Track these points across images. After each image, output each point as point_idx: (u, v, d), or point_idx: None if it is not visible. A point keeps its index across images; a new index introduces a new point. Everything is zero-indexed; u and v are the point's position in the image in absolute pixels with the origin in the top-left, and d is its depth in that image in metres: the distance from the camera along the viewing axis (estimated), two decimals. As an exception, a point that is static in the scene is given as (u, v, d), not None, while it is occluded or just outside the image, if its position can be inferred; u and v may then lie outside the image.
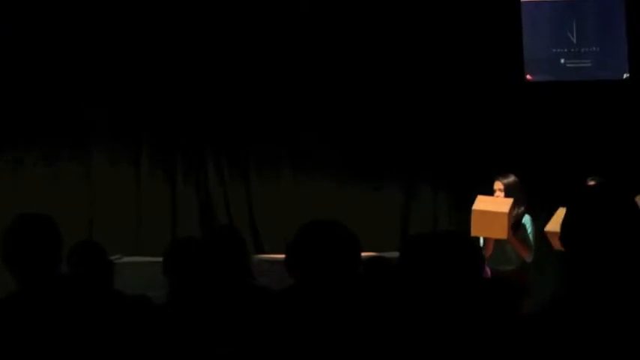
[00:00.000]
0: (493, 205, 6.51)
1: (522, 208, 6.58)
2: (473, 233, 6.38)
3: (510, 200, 6.50)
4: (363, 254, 3.38)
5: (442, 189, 8.54)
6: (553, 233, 6.36)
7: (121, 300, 3.73)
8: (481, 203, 6.57)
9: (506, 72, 8.40)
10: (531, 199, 7.58)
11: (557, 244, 6.47)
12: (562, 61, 8.58)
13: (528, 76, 8.51)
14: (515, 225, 6.52)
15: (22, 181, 8.18)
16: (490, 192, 6.67)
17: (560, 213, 6.56)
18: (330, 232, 3.16)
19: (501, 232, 6.37)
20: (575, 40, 8.57)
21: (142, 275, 6.54)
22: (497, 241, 6.50)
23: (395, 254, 7.24)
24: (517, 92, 8.43)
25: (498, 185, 6.63)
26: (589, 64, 8.58)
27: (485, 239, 6.51)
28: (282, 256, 6.77)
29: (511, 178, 6.66)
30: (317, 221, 3.24)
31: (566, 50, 8.58)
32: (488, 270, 6.37)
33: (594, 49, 8.59)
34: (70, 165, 8.31)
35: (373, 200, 8.40)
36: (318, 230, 3.18)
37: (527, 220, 6.59)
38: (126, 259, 7.66)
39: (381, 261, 4.62)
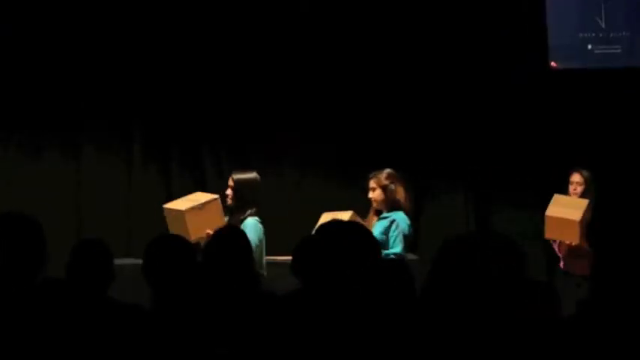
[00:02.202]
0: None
1: None
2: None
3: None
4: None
5: (458, 186, 8.50)
6: (553, 218, 6.85)
7: (110, 309, 3.69)
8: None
9: (529, 60, 8.37)
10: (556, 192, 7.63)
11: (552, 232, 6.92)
12: (589, 47, 8.56)
13: (553, 64, 8.48)
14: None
15: (4, 176, 8.14)
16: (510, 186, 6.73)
17: (557, 198, 7.01)
18: (345, 232, 3.14)
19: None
20: (603, 25, 8.53)
21: (133, 279, 6.49)
22: None
23: (409, 256, 7.23)
24: (541, 81, 8.41)
25: None
26: (619, 51, 8.55)
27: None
28: (285, 258, 6.75)
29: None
30: (333, 221, 3.22)
31: (593, 35, 8.56)
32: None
33: (624, 33, 8.57)
34: (57, 161, 8.27)
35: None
36: (334, 229, 3.16)
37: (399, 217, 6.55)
38: (117, 261, 7.58)
39: (395, 263, 4.57)
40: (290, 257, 3.86)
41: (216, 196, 6.67)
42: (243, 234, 4.53)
